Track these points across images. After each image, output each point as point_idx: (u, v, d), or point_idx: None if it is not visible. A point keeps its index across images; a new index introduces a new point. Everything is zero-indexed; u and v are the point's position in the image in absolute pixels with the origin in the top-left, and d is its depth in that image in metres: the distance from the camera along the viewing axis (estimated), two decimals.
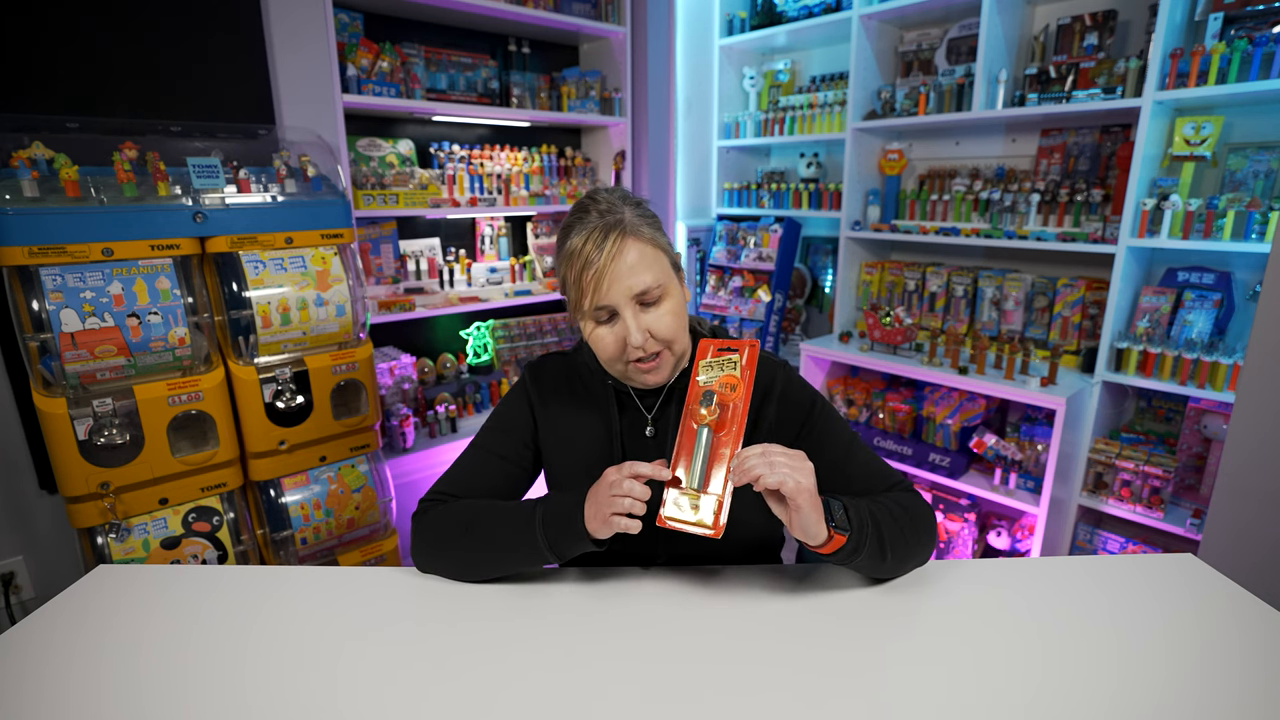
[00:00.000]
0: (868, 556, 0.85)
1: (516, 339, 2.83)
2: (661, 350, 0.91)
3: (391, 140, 2.44)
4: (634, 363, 0.91)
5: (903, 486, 0.97)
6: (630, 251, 0.87)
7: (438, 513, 0.97)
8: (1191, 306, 2.00)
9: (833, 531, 0.81)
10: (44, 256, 1.34)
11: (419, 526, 0.98)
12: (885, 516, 0.88)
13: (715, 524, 0.79)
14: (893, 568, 0.91)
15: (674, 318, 0.90)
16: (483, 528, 0.93)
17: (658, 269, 0.89)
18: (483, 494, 1.00)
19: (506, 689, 0.74)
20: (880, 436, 2.54)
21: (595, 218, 0.88)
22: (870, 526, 0.84)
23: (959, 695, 0.72)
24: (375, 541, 1.85)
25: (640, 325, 0.88)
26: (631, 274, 0.86)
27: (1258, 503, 1.38)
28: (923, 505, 0.95)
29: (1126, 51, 2.12)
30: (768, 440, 0.96)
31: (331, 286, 1.68)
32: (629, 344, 0.88)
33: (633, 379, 0.94)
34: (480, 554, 0.93)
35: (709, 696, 0.72)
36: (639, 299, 0.88)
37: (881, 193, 2.69)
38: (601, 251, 0.86)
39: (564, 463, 1.03)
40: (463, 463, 1.04)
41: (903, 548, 0.89)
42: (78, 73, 1.78)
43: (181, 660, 0.80)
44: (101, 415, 1.41)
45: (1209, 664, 0.77)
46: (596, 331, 0.91)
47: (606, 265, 0.86)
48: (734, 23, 3.02)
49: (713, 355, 0.88)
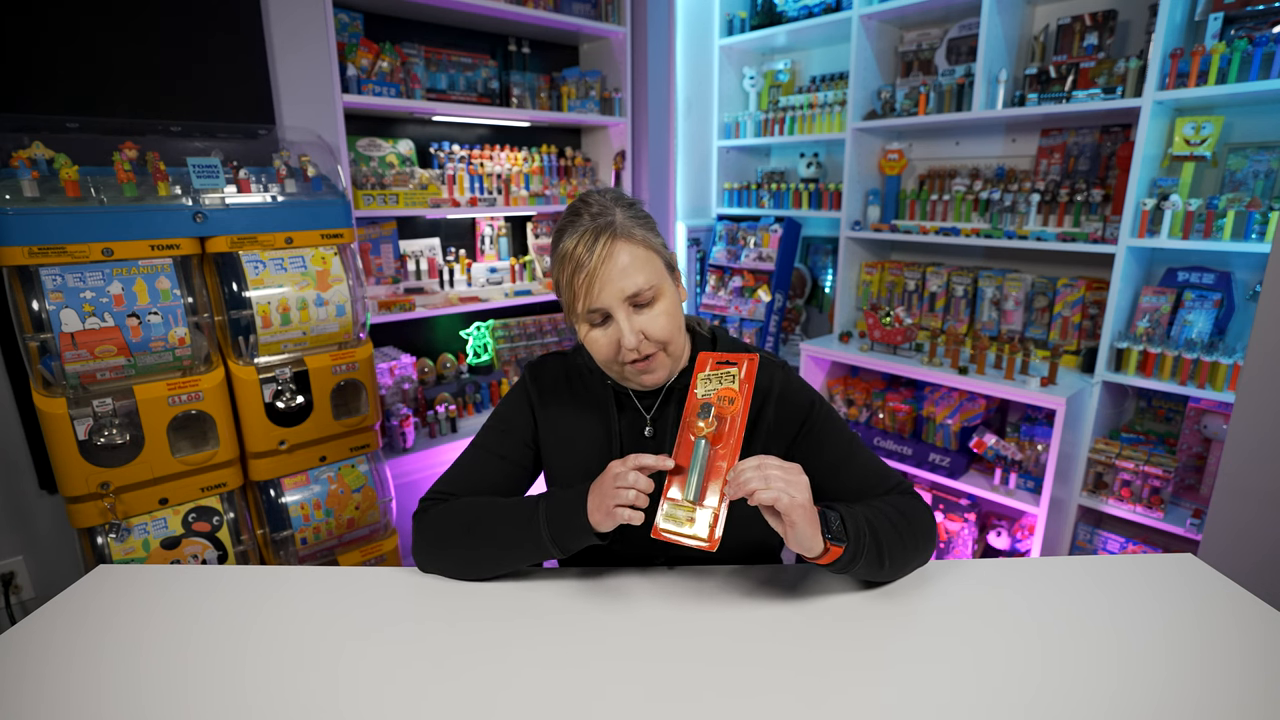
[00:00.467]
0: (865, 565, 0.84)
1: (516, 339, 2.83)
2: (657, 351, 0.90)
3: (391, 140, 2.44)
4: (629, 364, 0.90)
5: (901, 489, 0.97)
6: (621, 254, 0.86)
7: (439, 511, 0.97)
8: (1191, 306, 2.00)
9: (829, 543, 0.81)
10: (44, 256, 1.34)
11: (420, 526, 0.98)
12: (883, 523, 0.87)
13: (710, 537, 0.78)
14: (891, 573, 0.90)
15: (668, 318, 0.90)
16: (485, 524, 0.92)
17: (650, 270, 0.89)
18: (483, 493, 1.00)
19: (506, 689, 0.74)
20: (880, 436, 2.54)
21: (587, 220, 0.88)
22: (867, 536, 0.84)
23: (959, 695, 0.72)
24: (375, 541, 1.85)
25: (634, 327, 0.88)
26: (623, 276, 0.86)
27: (1258, 503, 1.38)
28: (922, 509, 0.94)
29: (1126, 51, 2.12)
30: (767, 442, 0.97)
31: (331, 286, 1.68)
32: (623, 346, 0.88)
33: (629, 380, 0.94)
34: (482, 551, 0.93)
35: (709, 697, 0.72)
36: (632, 301, 0.88)
37: (881, 193, 2.69)
38: (592, 254, 0.85)
39: (563, 463, 1.03)
40: (463, 462, 1.04)
41: (900, 554, 0.89)
42: (78, 73, 1.78)
43: (181, 660, 0.80)
44: (101, 415, 1.41)
45: (1209, 664, 0.77)
46: (591, 334, 0.91)
47: (598, 268, 0.85)
48: (734, 23, 3.02)
49: (711, 368, 0.87)
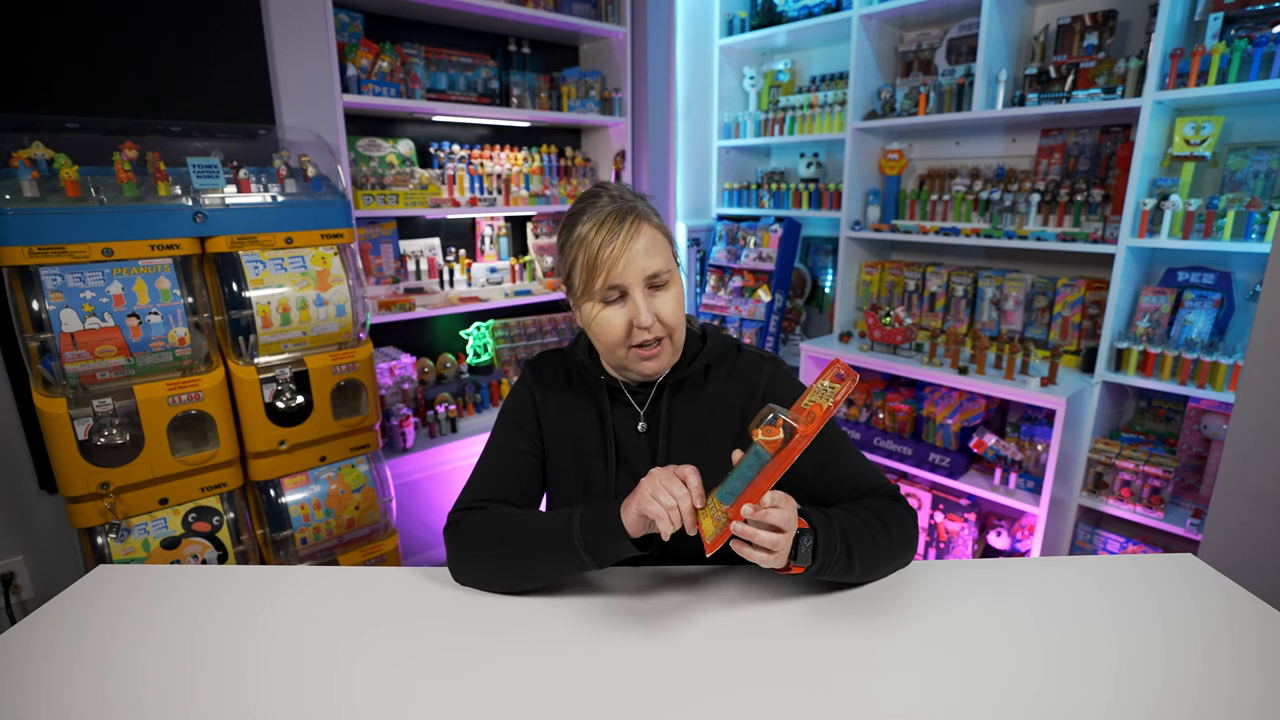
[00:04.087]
0: (834, 573, 0.86)
1: (516, 339, 2.83)
2: (664, 337, 0.91)
3: (391, 140, 2.44)
4: (636, 348, 0.91)
5: (884, 491, 0.96)
6: (644, 235, 0.89)
7: (471, 522, 0.95)
8: (1191, 306, 2.00)
9: (791, 565, 0.82)
10: (44, 256, 1.34)
11: (452, 539, 0.96)
12: (856, 528, 0.87)
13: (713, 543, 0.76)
14: (862, 576, 0.90)
15: (678, 305, 0.92)
16: (519, 534, 0.91)
17: (666, 256, 0.92)
18: (508, 491, 0.99)
19: (506, 689, 0.74)
20: (880, 436, 2.54)
21: (606, 201, 0.91)
22: (839, 547, 0.84)
23: (959, 695, 0.72)
24: (375, 541, 1.85)
25: (650, 307, 0.89)
26: (645, 256, 0.89)
27: (1258, 503, 1.37)
28: (902, 513, 0.94)
29: (1126, 51, 2.12)
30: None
31: (331, 286, 1.68)
32: (637, 325, 0.89)
33: (630, 367, 0.94)
34: (517, 561, 0.91)
35: (709, 698, 0.72)
36: (650, 281, 0.89)
37: (881, 193, 2.69)
38: (618, 233, 0.88)
39: (559, 457, 1.03)
40: (482, 467, 1.03)
41: (874, 559, 0.89)
42: (78, 73, 1.78)
43: (181, 660, 0.80)
44: (101, 415, 1.41)
45: (1209, 664, 0.77)
46: (604, 314, 0.91)
47: (623, 246, 0.87)
48: (734, 23, 3.02)
49: (831, 380, 0.80)
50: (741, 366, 1.00)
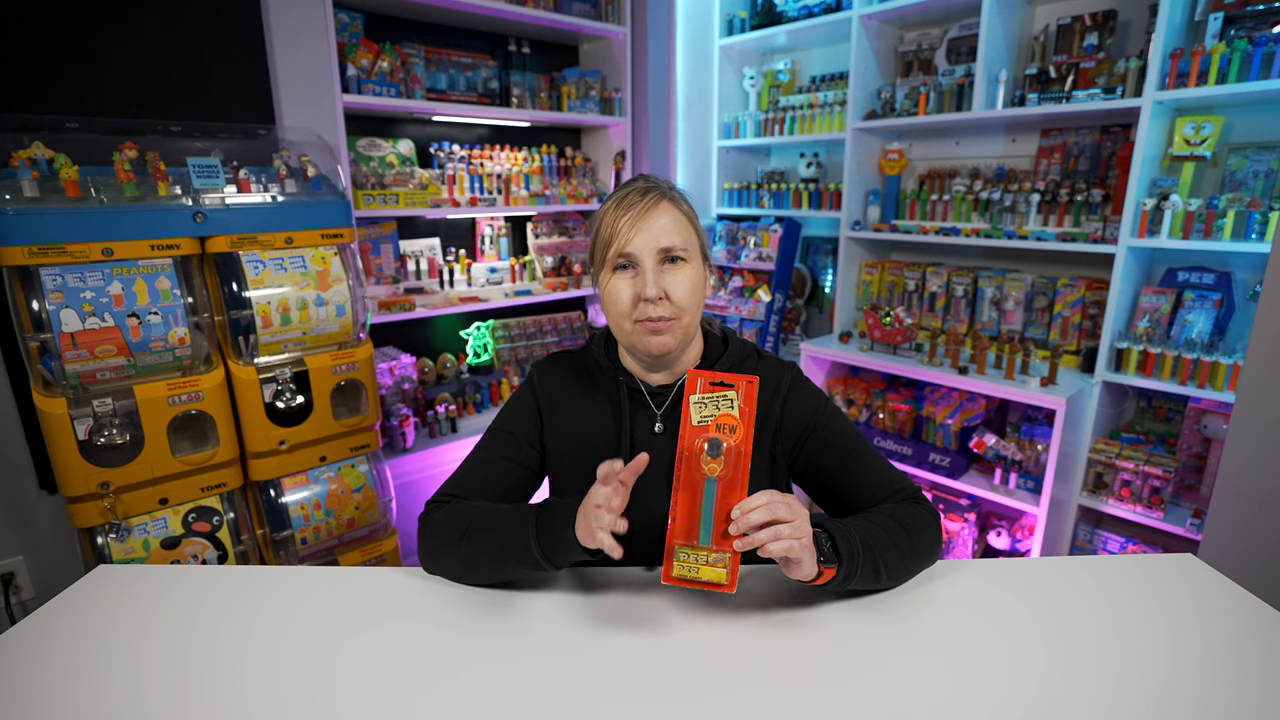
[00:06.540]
0: (861, 581, 0.85)
1: (516, 339, 2.83)
2: (673, 318, 0.91)
3: (391, 140, 2.44)
4: (642, 321, 0.90)
5: (905, 494, 0.96)
6: (667, 212, 0.91)
7: (442, 514, 0.96)
8: (1191, 306, 2.00)
9: (822, 567, 0.81)
10: (44, 256, 1.34)
11: (424, 528, 0.97)
12: (880, 537, 0.86)
13: (730, 580, 0.76)
14: (890, 584, 0.90)
15: (691, 286, 0.92)
16: (480, 531, 0.91)
17: (687, 237, 0.93)
18: (489, 496, 0.99)
19: (506, 688, 0.74)
20: (880, 436, 2.54)
21: (640, 182, 0.94)
22: (861, 555, 0.83)
23: (959, 695, 0.72)
24: (375, 541, 1.85)
25: (658, 280, 0.89)
26: (662, 232, 0.90)
27: (1258, 503, 1.38)
28: (925, 515, 0.94)
29: (1126, 51, 2.12)
30: (773, 442, 0.98)
31: (331, 286, 1.68)
32: (643, 296, 0.89)
33: (637, 345, 0.93)
34: (478, 557, 0.92)
35: (708, 697, 0.72)
36: (662, 256, 0.90)
37: (881, 193, 2.69)
38: (637, 205, 0.90)
39: (569, 461, 1.02)
40: (469, 465, 1.03)
41: (898, 565, 0.88)
42: (78, 73, 1.78)
43: (181, 660, 0.80)
44: (101, 415, 1.41)
45: (1209, 664, 0.77)
46: (613, 282, 0.92)
47: (641, 215, 0.90)
48: (734, 23, 3.02)
49: (703, 389, 0.80)
50: (761, 372, 1.00)
